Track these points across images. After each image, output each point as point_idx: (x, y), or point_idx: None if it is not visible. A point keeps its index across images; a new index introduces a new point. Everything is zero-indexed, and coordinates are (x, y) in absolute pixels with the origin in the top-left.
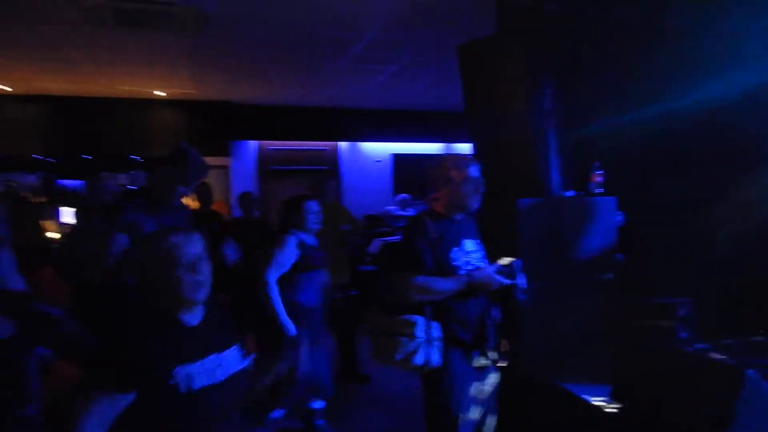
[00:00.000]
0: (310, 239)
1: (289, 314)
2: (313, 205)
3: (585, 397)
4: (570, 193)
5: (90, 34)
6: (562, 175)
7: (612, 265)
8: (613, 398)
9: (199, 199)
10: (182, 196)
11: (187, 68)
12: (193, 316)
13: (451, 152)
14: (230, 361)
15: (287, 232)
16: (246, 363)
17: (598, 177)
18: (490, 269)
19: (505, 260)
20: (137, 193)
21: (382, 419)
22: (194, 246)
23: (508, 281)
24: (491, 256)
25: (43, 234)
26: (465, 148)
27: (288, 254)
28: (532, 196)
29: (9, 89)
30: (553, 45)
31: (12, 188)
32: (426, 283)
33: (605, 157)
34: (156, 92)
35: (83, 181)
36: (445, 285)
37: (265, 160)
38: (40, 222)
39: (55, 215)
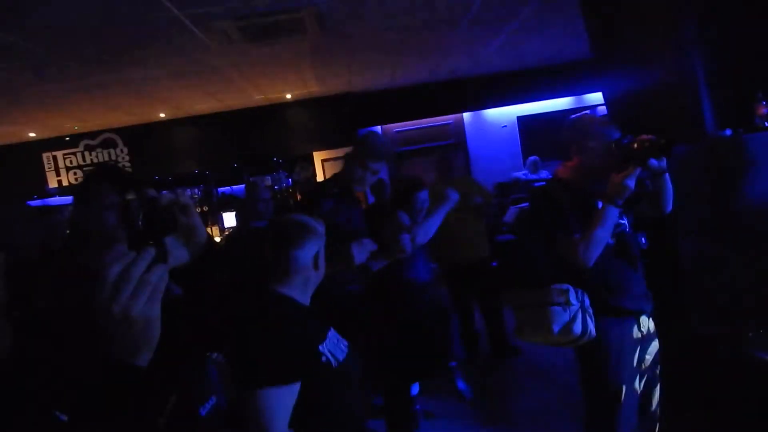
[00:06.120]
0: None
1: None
2: (422, 195)
3: None
4: (728, 132)
5: (219, 54)
6: (717, 112)
7: None
8: None
9: (373, 193)
10: (367, 183)
11: (310, 68)
12: (306, 297)
13: (581, 108)
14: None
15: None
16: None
17: (763, 108)
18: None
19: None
20: (330, 182)
21: (545, 393)
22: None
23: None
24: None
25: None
26: (596, 98)
27: None
28: (684, 142)
29: (163, 115)
30: None
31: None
32: (586, 236)
33: None
34: (287, 96)
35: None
36: (599, 227)
37: (391, 142)
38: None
39: (219, 221)
